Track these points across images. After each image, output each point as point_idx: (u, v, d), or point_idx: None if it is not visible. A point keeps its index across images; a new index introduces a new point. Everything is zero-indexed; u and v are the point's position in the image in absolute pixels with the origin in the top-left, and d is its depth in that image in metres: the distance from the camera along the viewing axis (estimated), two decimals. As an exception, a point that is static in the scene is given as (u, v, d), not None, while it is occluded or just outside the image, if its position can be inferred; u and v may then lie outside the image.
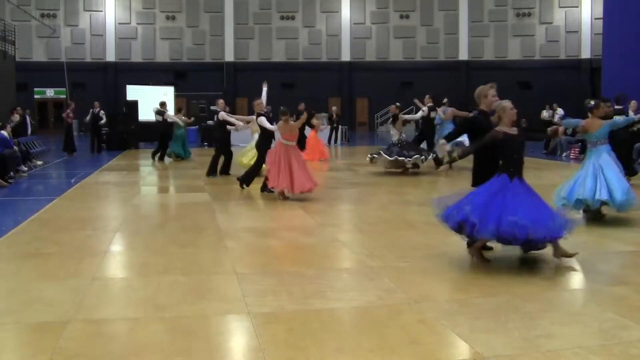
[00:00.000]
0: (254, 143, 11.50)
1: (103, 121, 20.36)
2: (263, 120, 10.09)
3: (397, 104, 13.68)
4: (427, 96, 14.52)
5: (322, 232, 7.08)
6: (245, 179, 10.39)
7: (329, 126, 23.93)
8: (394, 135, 12.87)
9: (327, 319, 4.14)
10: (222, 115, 12.43)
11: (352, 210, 9.03)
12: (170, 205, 9.52)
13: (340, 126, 24.29)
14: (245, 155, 12.69)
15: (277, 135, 9.62)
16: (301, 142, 13.46)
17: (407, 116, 14.85)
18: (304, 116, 10.74)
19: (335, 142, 23.71)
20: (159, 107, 16.82)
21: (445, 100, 15.95)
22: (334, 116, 23.88)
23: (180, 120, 16.47)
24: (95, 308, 4.38)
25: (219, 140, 12.92)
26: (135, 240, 6.88)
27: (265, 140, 10.30)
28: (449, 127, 13.06)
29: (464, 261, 5.68)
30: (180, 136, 16.38)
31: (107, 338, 3.84)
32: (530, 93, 31.30)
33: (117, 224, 7.68)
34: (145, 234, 7.15)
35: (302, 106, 17.26)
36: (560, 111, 24.16)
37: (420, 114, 14.62)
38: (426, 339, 3.75)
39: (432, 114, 14.38)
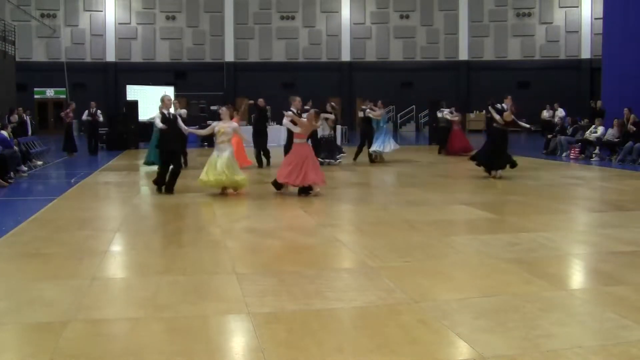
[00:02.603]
0: (226, 155, 9.73)
1: (101, 119, 19.62)
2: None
3: (332, 103, 14.97)
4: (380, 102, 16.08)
5: (322, 232, 7.07)
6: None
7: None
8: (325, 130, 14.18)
9: (327, 319, 4.14)
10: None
11: (352, 210, 9.03)
12: (170, 205, 9.50)
13: (340, 126, 24.31)
14: (229, 166, 9.74)
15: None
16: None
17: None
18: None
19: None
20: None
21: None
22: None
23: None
24: (95, 308, 4.38)
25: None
26: (135, 240, 6.87)
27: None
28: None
29: (464, 261, 5.69)
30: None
31: (107, 338, 3.84)
32: (530, 93, 31.27)
33: (117, 224, 7.67)
34: (145, 234, 7.15)
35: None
36: (561, 111, 24.12)
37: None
38: (426, 339, 3.75)
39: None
